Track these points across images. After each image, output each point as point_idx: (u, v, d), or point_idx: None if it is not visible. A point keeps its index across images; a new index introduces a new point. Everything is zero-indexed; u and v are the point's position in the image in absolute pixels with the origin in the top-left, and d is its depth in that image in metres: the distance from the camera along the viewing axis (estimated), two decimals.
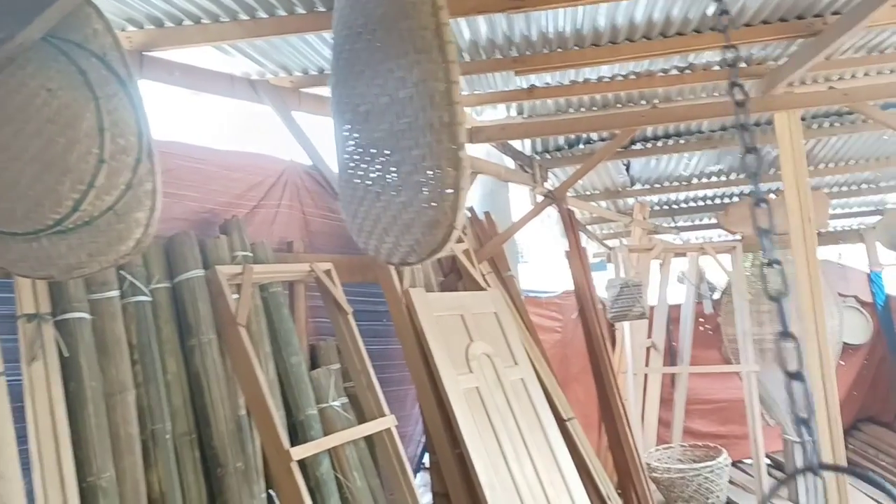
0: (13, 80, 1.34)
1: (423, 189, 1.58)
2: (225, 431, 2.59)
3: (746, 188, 6.83)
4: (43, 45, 1.35)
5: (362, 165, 1.79)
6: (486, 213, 4.81)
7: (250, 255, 2.97)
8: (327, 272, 3.19)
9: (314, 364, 3.25)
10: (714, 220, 7.94)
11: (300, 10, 2.83)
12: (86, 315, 2.32)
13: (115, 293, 2.43)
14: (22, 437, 2.06)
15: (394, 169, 1.68)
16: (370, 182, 1.76)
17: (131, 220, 1.37)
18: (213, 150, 3.11)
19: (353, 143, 1.83)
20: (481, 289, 4.04)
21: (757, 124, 5.21)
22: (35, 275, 1.48)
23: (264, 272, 2.95)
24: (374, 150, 1.73)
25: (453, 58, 1.58)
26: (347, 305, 3.20)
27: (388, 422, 3.06)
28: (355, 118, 1.80)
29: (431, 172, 1.54)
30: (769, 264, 1.33)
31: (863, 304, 7.14)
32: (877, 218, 7.40)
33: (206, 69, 3.17)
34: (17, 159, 1.30)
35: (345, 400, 3.15)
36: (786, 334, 1.21)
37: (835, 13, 3.33)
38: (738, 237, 6.12)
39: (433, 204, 1.54)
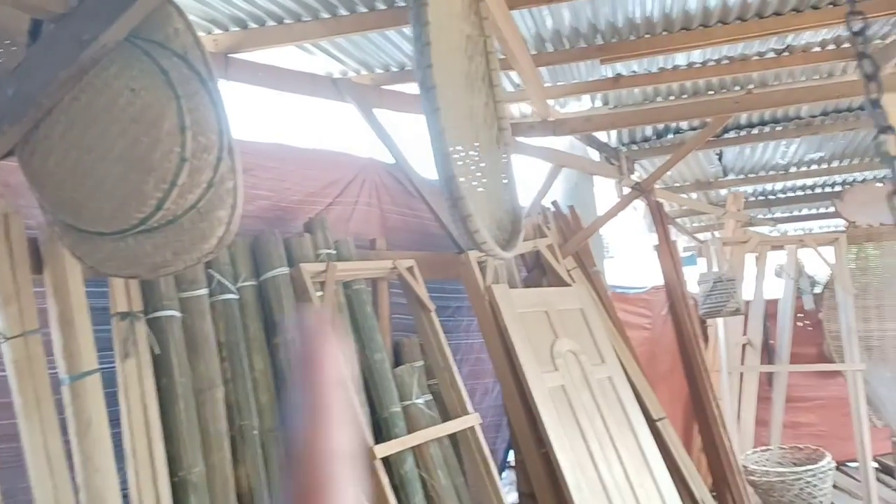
0: (98, 82, 1.36)
1: None
2: None
3: (850, 175, 6.45)
4: (126, 45, 1.37)
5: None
6: (571, 208, 4.69)
7: (334, 252, 2.98)
8: (410, 269, 3.17)
9: (398, 361, 3.24)
10: (814, 211, 7.54)
11: (381, 6, 2.82)
12: (176, 313, 2.37)
13: (203, 291, 2.47)
14: (114, 421, 2.11)
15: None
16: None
17: (214, 218, 1.38)
18: (288, 147, 3.13)
19: None
20: (566, 284, 3.95)
21: (861, 108, 4.89)
22: (122, 273, 1.50)
23: (348, 269, 2.95)
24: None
25: None
26: (430, 302, 3.17)
27: (471, 420, 3.01)
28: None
29: None
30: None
31: None
32: None
33: (288, 69, 3.20)
34: (103, 160, 1.32)
35: (429, 397, 3.13)
36: None
37: None
38: (841, 228, 5.78)
39: None
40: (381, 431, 2.87)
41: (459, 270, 3.51)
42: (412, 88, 3.63)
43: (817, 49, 3.78)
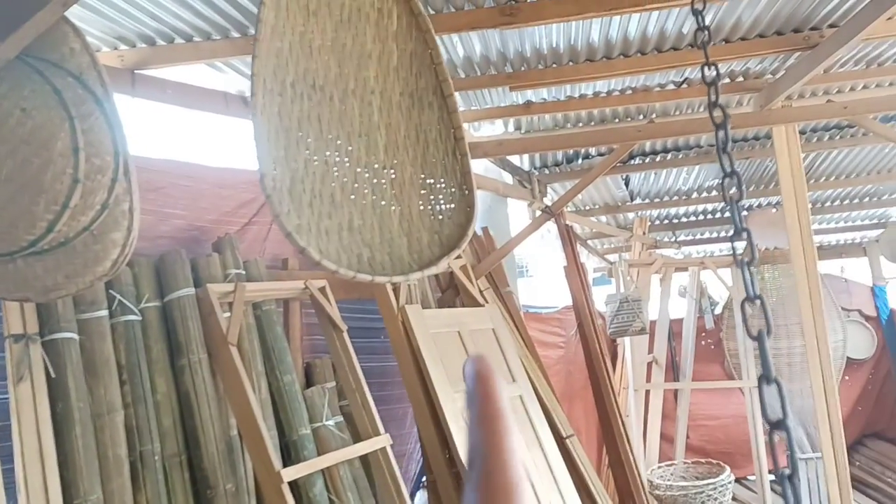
0: None
1: None
2: (215, 452, 2.55)
3: (747, 201, 6.80)
4: (17, 64, 1.34)
5: None
6: (485, 229, 4.78)
7: (243, 272, 2.95)
8: (322, 289, 3.17)
9: (309, 382, 3.22)
10: (715, 234, 7.91)
11: None
12: (74, 335, 2.29)
13: (104, 312, 2.41)
14: (7, 457, 2.04)
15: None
16: None
17: (108, 240, 1.35)
18: (203, 167, 3.10)
19: None
20: (479, 305, 4.01)
21: (756, 138, 5.20)
22: (11, 297, 1.46)
23: (257, 290, 2.92)
24: None
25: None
26: (342, 322, 3.17)
27: (382, 441, 3.02)
28: None
29: None
30: (751, 300, 1.24)
31: (867, 318, 7.09)
32: (879, 231, 7.35)
33: (199, 87, 3.16)
34: None
35: (339, 419, 3.12)
36: (768, 377, 1.12)
37: (831, 26, 3.32)
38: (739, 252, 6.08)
39: None
40: (290, 454, 2.84)
41: (373, 290, 3.52)
42: None
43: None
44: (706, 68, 1.48)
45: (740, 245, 1.33)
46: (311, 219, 1.58)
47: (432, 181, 1.76)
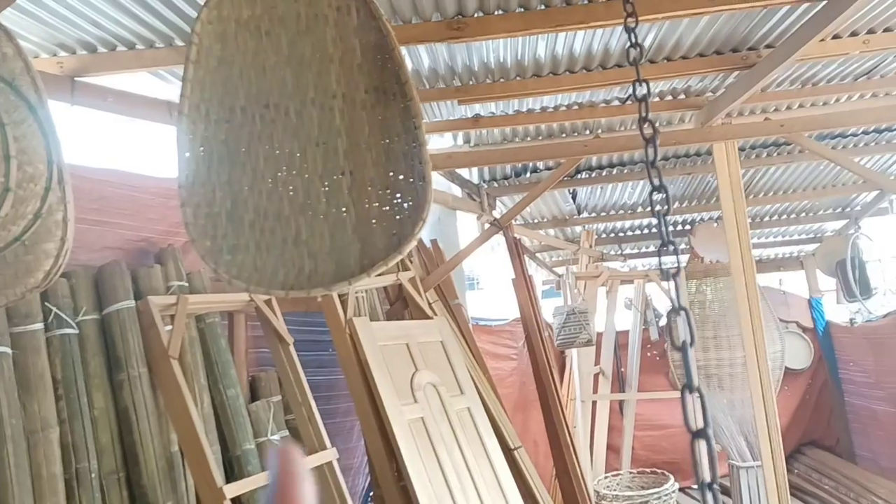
0: None
1: None
2: (155, 469, 2.49)
3: (690, 216, 6.98)
4: None
5: None
6: (434, 241, 4.80)
7: (186, 285, 2.89)
8: (267, 301, 3.13)
9: (254, 396, 3.17)
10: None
11: None
12: (6, 349, 2.22)
13: (38, 326, 2.33)
14: None
15: None
16: None
17: (40, 251, 1.31)
18: (152, 177, 3.02)
19: None
20: (428, 317, 4.01)
21: (698, 154, 5.34)
22: None
23: (200, 302, 2.87)
24: None
25: None
26: (288, 335, 3.13)
27: (328, 455, 2.99)
28: None
29: None
30: (677, 311, 1.27)
31: (804, 329, 7.33)
32: (816, 245, 7.62)
33: (141, 95, 3.10)
34: None
35: (285, 433, 3.08)
36: (690, 386, 1.16)
37: (768, 46, 3.44)
38: (684, 265, 6.23)
39: None
40: (233, 470, 2.79)
41: (321, 303, 3.49)
42: None
43: (657, 99, 4.11)
44: (637, 85, 1.51)
45: (668, 258, 1.36)
46: (249, 238, 1.58)
47: (393, 175, 1.75)
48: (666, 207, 1.29)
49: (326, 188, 1.71)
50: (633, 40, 1.58)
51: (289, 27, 1.77)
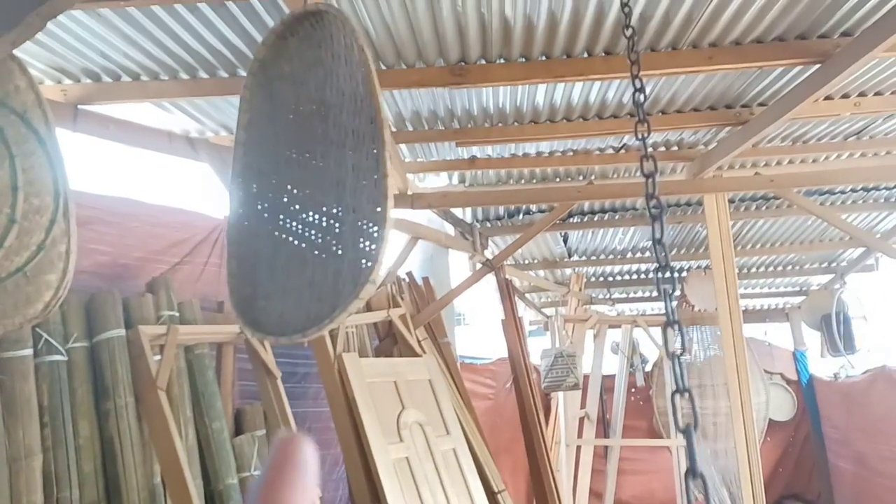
0: None
1: None
2: (137, 500, 2.46)
3: (678, 263, 7.04)
4: None
5: None
6: (425, 279, 4.81)
7: (177, 314, 2.89)
8: None
9: (239, 429, 3.14)
10: (647, 294, 8.12)
11: (242, 73, 2.84)
12: None
13: (28, 352, 2.32)
14: None
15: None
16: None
17: (42, 282, 1.32)
18: (137, 202, 3.03)
19: None
20: (417, 355, 4.01)
21: (689, 204, 5.41)
22: None
23: (190, 333, 2.86)
24: None
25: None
26: (276, 369, 3.12)
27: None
28: None
29: None
30: (681, 392, 1.20)
31: (788, 381, 7.35)
32: (801, 298, 7.68)
33: (142, 125, 3.13)
34: None
35: None
36: (694, 472, 1.08)
37: (761, 104, 3.52)
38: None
39: None
40: None
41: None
42: None
43: (650, 150, 4.17)
44: (639, 126, 1.54)
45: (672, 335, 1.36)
46: (280, 283, 1.64)
47: (378, 208, 1.77)
48: (672, 286, 1.29)
49: (337, 228, 1.74)
50: (638, 86, 1.61)
51: (317, 72, 1.81)
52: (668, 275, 1.30)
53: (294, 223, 1.74)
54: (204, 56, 2.71)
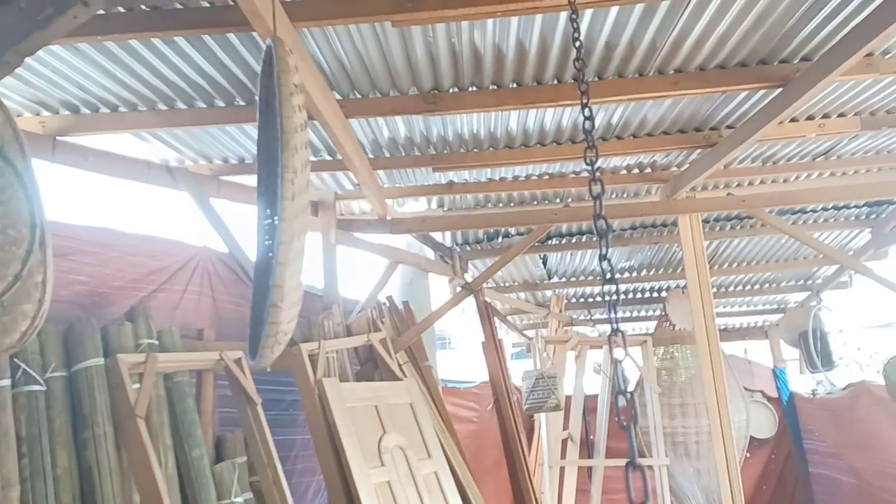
0: None
1: None
2: None
3: (657, 283, 7.12)
4: None
5: None
6: (405, 303, 4.84)
7: (156, 342, 2.90)
8: (237, 361, 3.13)
9: (219, 457, 3.14)
10: (628, 314, 8.19)
11: (220, 104, 2.89)
12: None
13: (6, 382, 2.32)
14: None
15: None
16: None
17: (18, 312, 1.35)
18: (112, 231, 3.03)
19: None
20: (398, 379, 4.03)
21: (664, 225, 5.50)
22: None
23: (170, 361, 2.87)
24: None
25: None
26: (257, 395, 3.13)
27: None
28: None
29: None
30: (622, 393, 1.36)
31: (769, 399, 7.41)
32: (780, 315, 7.77)
33: (121, 155, 3.16)
34: None
35: (249, 496, 3.04)
36: (633, 463, 1.26)
37: (729, 127, 3.61)
38: (650, 332, 6.32)
39: None
40: None
41: (290, 363, 3.50)
42: (251, 180, 3.69)
43: (624, 172, 4.27)
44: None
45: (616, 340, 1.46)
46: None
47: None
48: (616, 299, 1.40)
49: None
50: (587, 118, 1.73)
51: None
52: (612, 287, 1.41)
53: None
54: (182, 87, 2.76)
